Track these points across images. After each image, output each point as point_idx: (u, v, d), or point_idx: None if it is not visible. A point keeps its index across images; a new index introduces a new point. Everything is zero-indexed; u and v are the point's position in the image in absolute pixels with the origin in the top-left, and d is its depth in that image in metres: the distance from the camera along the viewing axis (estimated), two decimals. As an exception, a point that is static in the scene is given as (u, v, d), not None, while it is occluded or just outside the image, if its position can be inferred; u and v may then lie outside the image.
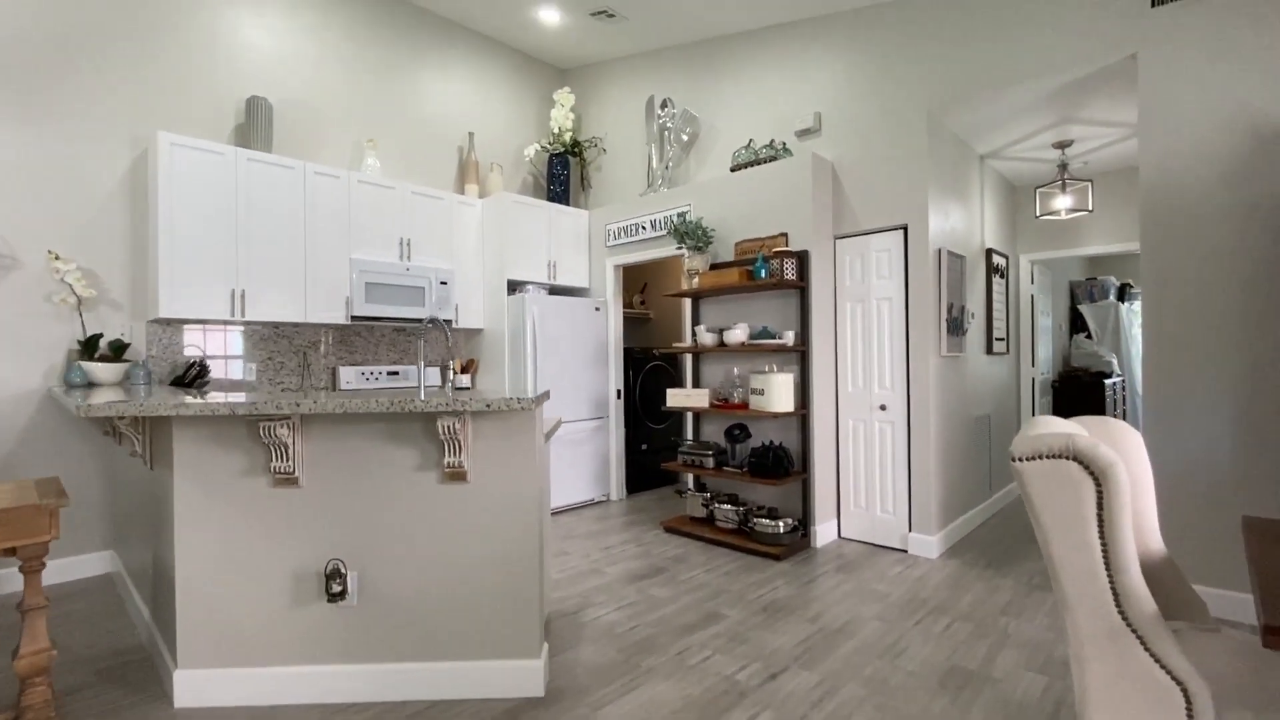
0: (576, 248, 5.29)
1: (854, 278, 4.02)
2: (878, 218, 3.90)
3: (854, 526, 4.03)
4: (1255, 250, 2.75)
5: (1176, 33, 2.91)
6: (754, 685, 2.27)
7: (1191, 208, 2.90)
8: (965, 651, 2.51)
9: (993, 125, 3.98)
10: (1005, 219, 5.10)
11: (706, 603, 3.03)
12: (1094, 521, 1.31)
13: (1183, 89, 2.90)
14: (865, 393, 3.97)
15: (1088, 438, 1.31)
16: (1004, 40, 3.41)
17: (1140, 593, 1.28)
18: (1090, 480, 1.30)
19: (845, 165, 4.04)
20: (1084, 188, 4.34)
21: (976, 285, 4.48)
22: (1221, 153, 2.82)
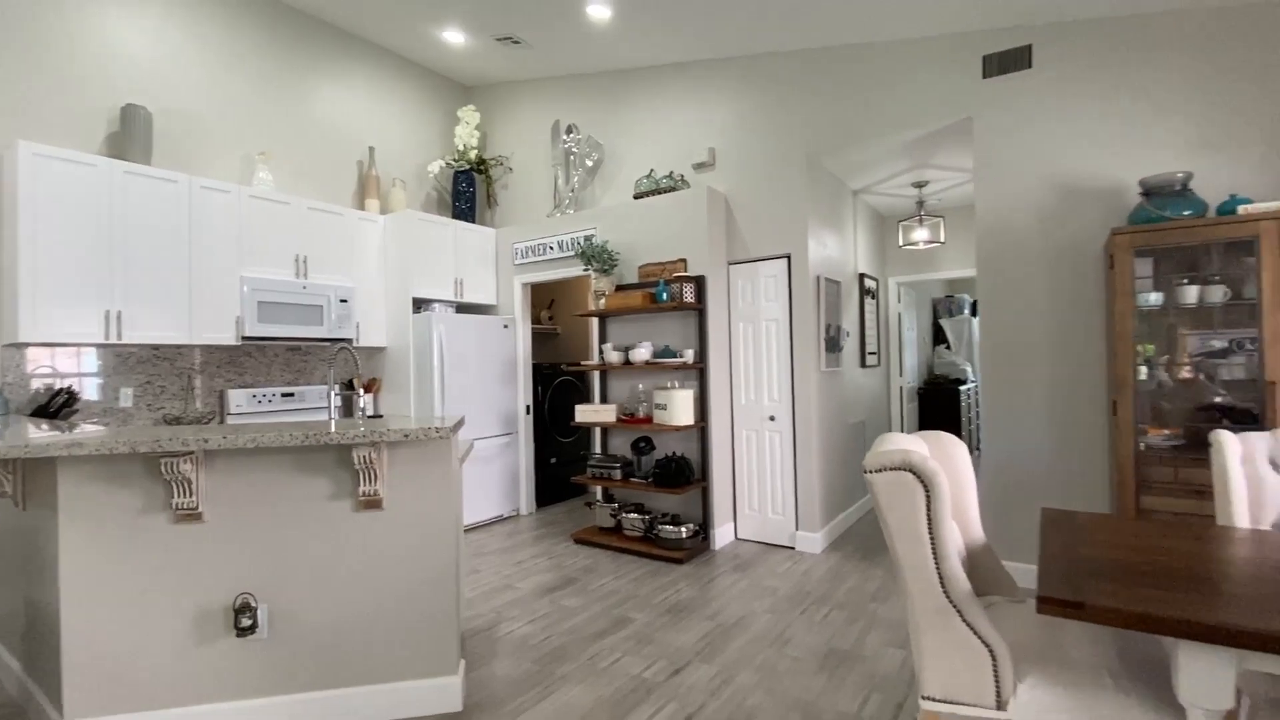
0: (484, 265, 5.34)
1: (745, 300, 4.39)
2: (766, 247, 4.29)
3: (749, 528, 4.39)
4: (1062, 285, 3.35)
5: (1002, 101, 3.48)
6: (659, 681, 2.49)
7: (1015, 245, 3.47)
8: (841, 635, 2.87)
9: (863, 167, 4.49)
10: (875, 246, 5.72)
11: (615, 609, 3.22)
12: (924, 522, 1.63)
13: (1007, 147, 3.48)
14: (757, 405, 4.35)
15: (919, 453, 1.64)
16: (867, 100, 3.89)
17: (958, 576, 1.61)
18: (921, 487, 1.63)
19: (737, 198, 4.41)
20: (937, 222, 4.99)
21: (851, 306, 5.01)
22: (1037, 202, 3.41)
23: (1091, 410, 3.26)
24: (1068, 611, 1.32)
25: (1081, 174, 3.27)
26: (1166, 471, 2.77)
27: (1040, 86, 3.38)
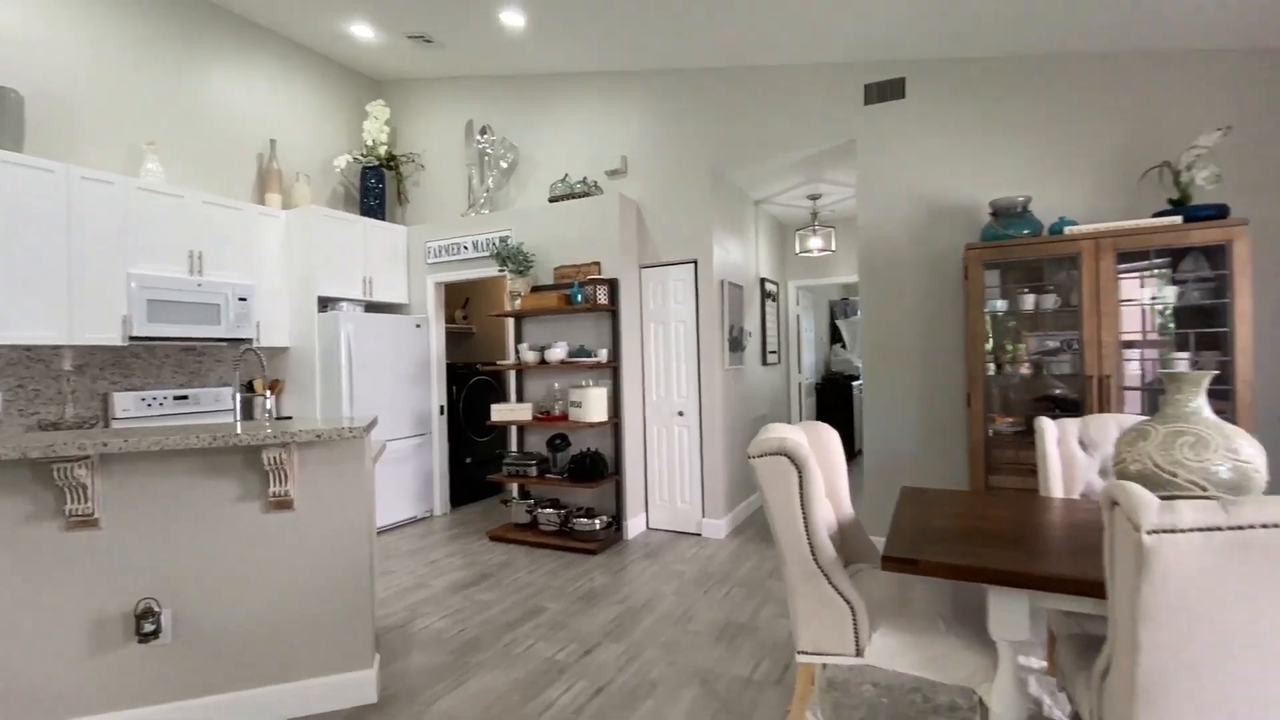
0: (394, 264, 5.27)
1: (656, 302, 4.61)
2: (674, 252, 4.53)
3: (660, 518, 4.62)
4: (929, 291, 3.78)
5: (880, 127, 3.88)
6: (571, 662, 2.64)
7: (891, 255, 3.88)
8: (738, 610, 3.14)
9: (763, 179, 4.83)
10: (776, 253, 6.12)
11: (530, 600, 3.34)
12: (797, 499, 1.88)
13: (884, 168, 3.88)
14: (667, 401, 4.58)
15: (794, 439, 1.88)
16: (764, 119, 4.21)
17: (826, 546, 1.87)
18: (795, 470, 1.87)
19: (648, 205, 4.63)
20: (830, 232, 5.43)
21: (753, 308, 5.36)
22: (909, 217, 3.83)
23: (952, 402, 3.71)
24: (905, 567, 1.59)
25: (945, 194, 3.71)
26: (1010, 453, 3.23)
27: (912, 115, 3.80)
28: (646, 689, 2.41)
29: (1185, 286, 3.02)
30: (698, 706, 2.29)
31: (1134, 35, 3.16)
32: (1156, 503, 1.13)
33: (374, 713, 2.28)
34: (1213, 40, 3.08)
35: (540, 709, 2.29)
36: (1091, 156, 3.38)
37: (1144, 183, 3.25)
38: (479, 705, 2.32)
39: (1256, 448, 1.56)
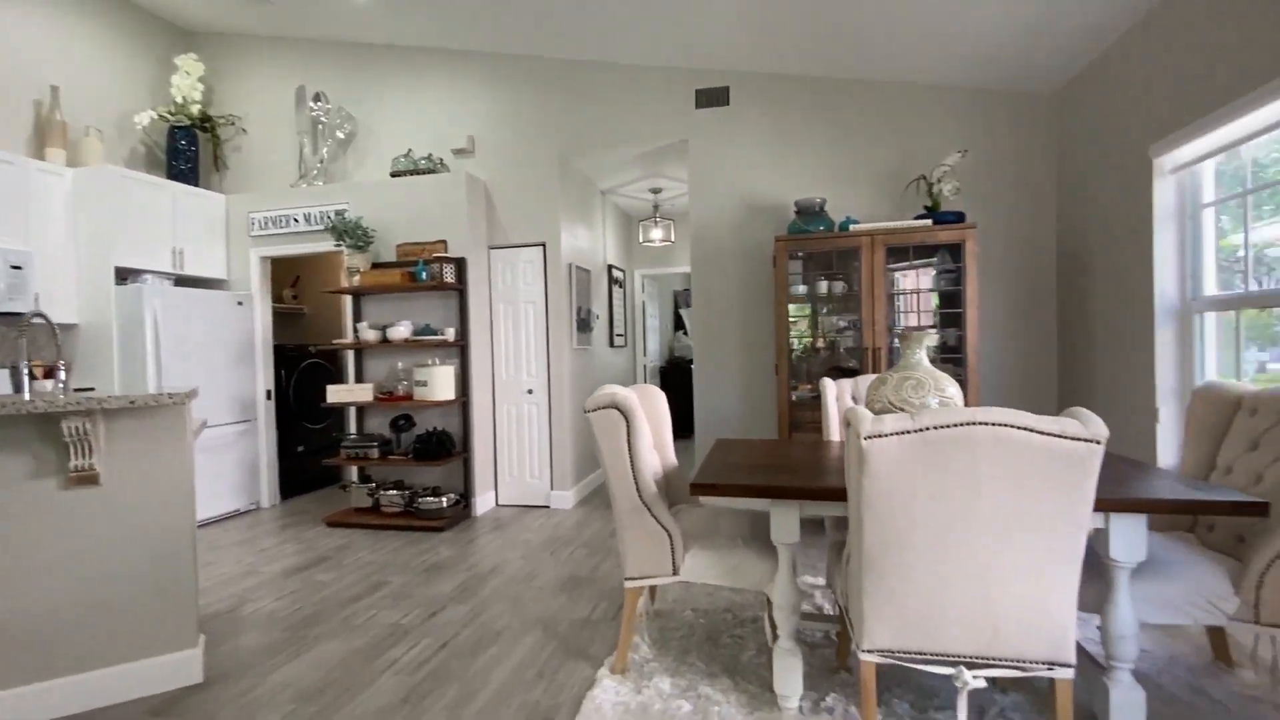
0: (211, 234, 4.81)
1: (506, 283, 4.71)
2: (523, 234, 4.66)
3: (509, 493, 4.74)
4: (748, 279, 4.29)
5: (709, 129, 4.32)
6: (416, 624, 2.71)
7: (717, 247, 4.34)
8: (581, 566, 3.39)
9: (608, 170, 5.11)
10: (623, 242, 6.46)
11: (373, 576, 3.32)
12: (625, 445, 2.15)
13: (713, 167, 4.32)
14: (516, 380, 4.71)
15: (623, 394, 2.15)
16: (607, 113, 4.47)
17: (650, 484, 2.16)
18: (624, 420, 2.14)
19: (496, 186, 4.70)
20: (670, 224, 5.87)
21: (600, 293, 5.64)
22: (732, 213, 4.30)
23: (766, 373, 4.26)
24: (708, 491, 1.92)
25: (760, 193, 4.24)
26: (808, 414, 3.80)
27: (735, 121, 4.27)
28: (490, 639, 2.56)
29: (936, 277, 3.77)
30: (538, 646, 2.49)
31: (897, 69, 3.86)
32: (870, 417, 1.53)
33: (200, 692, 2.20)
34: (950, 78, 3.86)
35: (384, 667, 2.35)
36: (870, 168, 4.06)
37: (906, 192, 3.98)
38: (319, 671, 2.33)
39: (956, 388, 2.09)
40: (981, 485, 1.48)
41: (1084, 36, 3.18)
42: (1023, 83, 3.76)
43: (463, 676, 2.26)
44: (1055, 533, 1.47)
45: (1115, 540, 1.67)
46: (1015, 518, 1.48)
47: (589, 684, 2.17)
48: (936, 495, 1.50)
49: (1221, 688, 2.02)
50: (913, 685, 2.08)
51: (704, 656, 2.33)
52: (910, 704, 1.97)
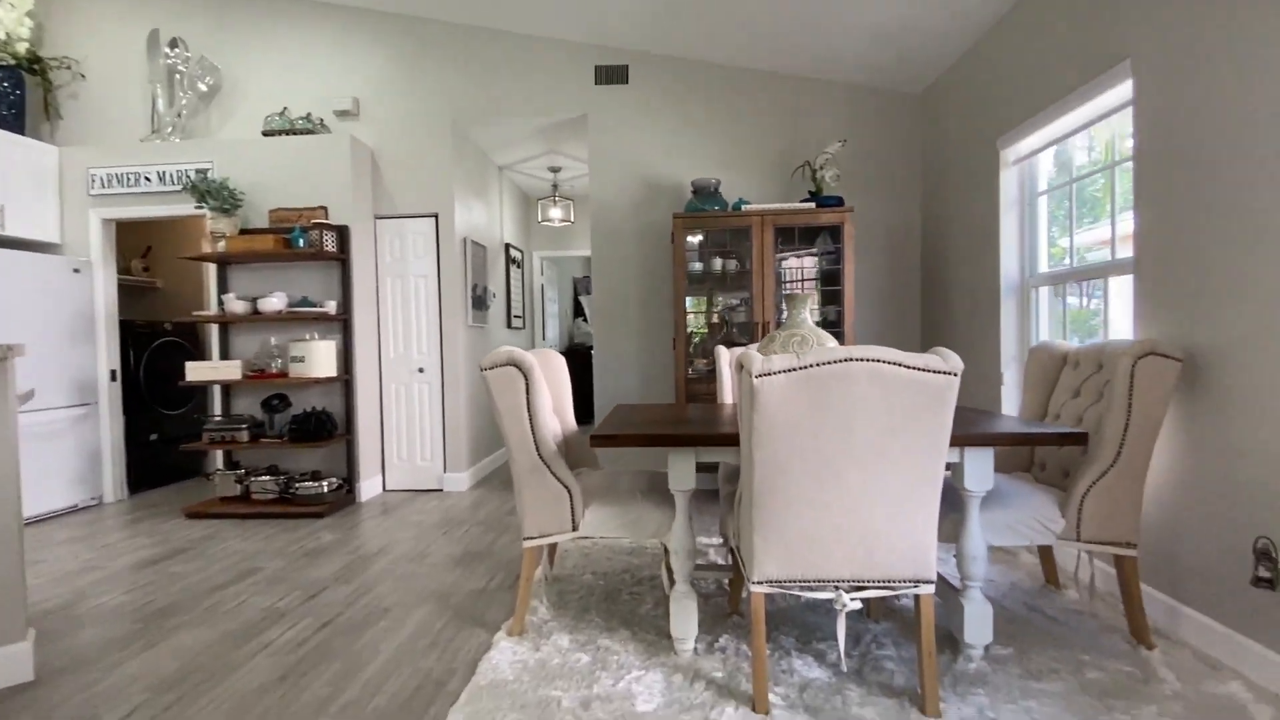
0: (41, 191, 4.18)
1: (394, 255, 4.47)
2: (413, 204, 4.44)
3: (398, 478, 4.52)
4: (647, 257, 4.36)
5: (608, 106, 4.33)
6: (294, 606, 2.52)
7: (617, 225, 4.37)
8: (476, 542, 3.30)
9: (506, 144, 4.99)
10: (521, 222, 6.34)
11: (242, 564, 3.04)
12: (524, 403, 2.12)
13: (612, 144, 4.34)
14: (406, 358, 4.49)
15: (521, 352, 2.11)
16: (506, 83, 4.36)
17: (549, 442, 2.14)
18: (522, 377, 2.10)
19: (384, 153, 4.44)
20: (569, 204, 5.83)
21: (497, 271, 5.50)
22: (631, 192, 4.35)
23: (664, 350, 4.35)
24: (608, 442, 1.93)
25: (659, 173, 4.32)
26: (704, 386, 3.93)
27: (635, 100, 4.32)
28: (378, 615, 2.43)
29: (819, 258, 4.03)
30: (431, 618, 2.39)
31: (788, 62, 4.07)
32: (761, 358, 1.61)
33: (31, 690, 1.92)
34: (834, 75, 4.13)
35: (257, 650, 2.17)
36: (761, 153, 4.26)
37: (793, 177, 4.22)
38: (177, 660, 2.10)
39: (836, 343, 2.25)
40: (857, 417, 1.60)
41: (944, 43, 3.51)
42: (895, 83, 4.09)
43: (348, 652, 2.13)
44: (920, 460, 1.62)
45: (969, 471, 1.87)
46: (886, 447, 1.61)
47: (485, 648, 2.12)
48: (819, 429, 1.61)
49: (1052, 605, 2.33)
50: (797, 623, 2.22)
51: (603, 614, 2.35)
52: (795, 639, 2.10)
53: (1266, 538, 1.75)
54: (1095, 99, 2.53)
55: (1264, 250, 1.78)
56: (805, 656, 1.99)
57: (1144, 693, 1.74)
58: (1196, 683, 1.78)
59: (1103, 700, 1.71)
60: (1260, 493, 1.79)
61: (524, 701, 1.77)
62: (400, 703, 1.81)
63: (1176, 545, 2.10)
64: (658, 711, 1.71)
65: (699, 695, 1.78)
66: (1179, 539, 2.09)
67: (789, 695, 1.77)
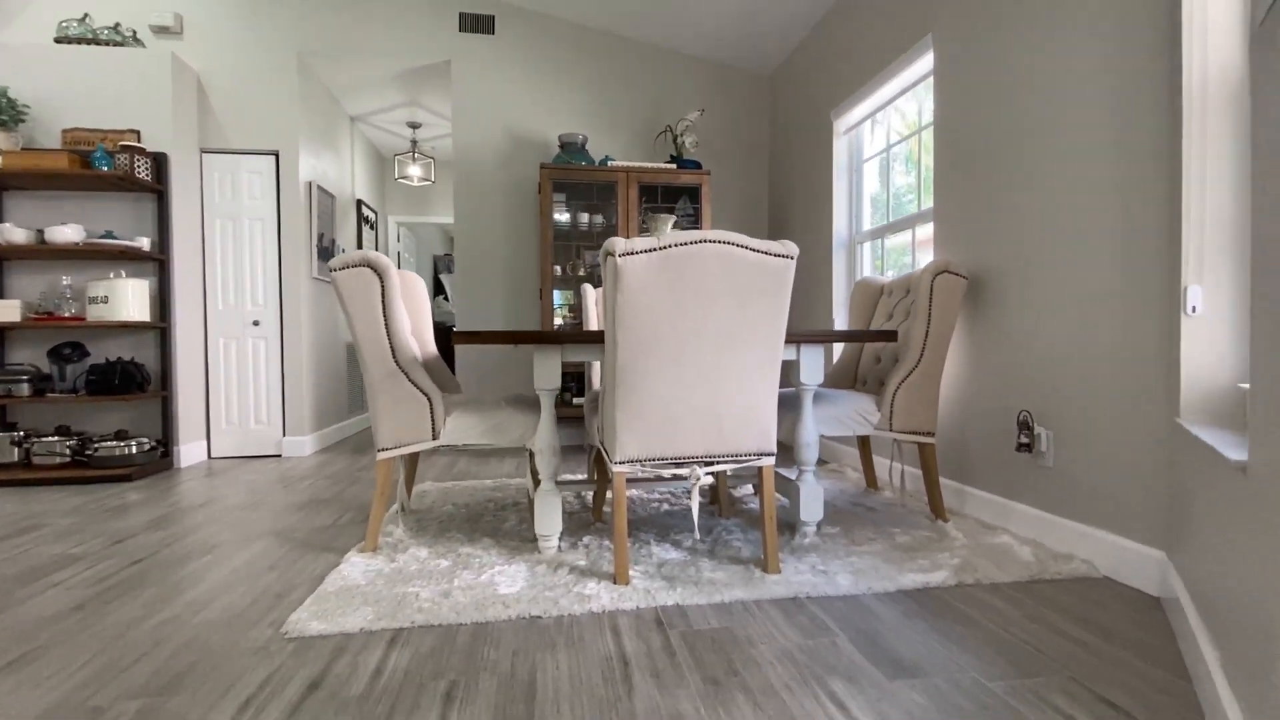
0: None
1: (225, 195, 4.02)
2: (250, 140, 4.03)
3: (226, 444, 4.05)
4: (514, 211, 4.32)
5: (474, 55, 4.24)
6: (94, 552, 2.19)
7: (482, 181, 4.28)
8: (323, 491, 3.06)
9: (358, 89, 4.68)
10: (375, 181, 5.97)
11: (21, 523, 2.58)
12: (379, 305, 2.03)
13: (476, 95, 4.25)
14: (238, 310, 4.05)
15: (377, 253, 2.02)
16: (360, 16, 4.11)
17: (407, 347, 2.07)
18: (377, 278, 2.01)
19: (214, 80, 3.98)
20: (429, 163, 5.60)
21: (348, 227, 5.14)
22: (497, 144, 4.29)
23: (533, 309, 4.33)
24: (471, 338, 1.91)
25: (527, 126, 4.30)
26: (569, 339, 3.97)
27: (501, 52, 4.27)
28: (203, 551, 2.19)
29: (681, 217, 4.24)
30: (269, 549, 2.20)
31: (653, 32, 4.26)
32: (624, 241, 1.69)
33: None
34: (695, 50, 4.39)
35: (44, 589, 1.86)
36: (627, 116, 4.40)
37: (657, 141, 4.42)
38: (-69, 604, 1.74)
39: (693, 264, 2.40)
40: (709, 296, 1.74)
41: (789, 25, 3.88)
42: (748, 63, 4.43)
43: (164, 583, 1.89)
44: (764, 337, 1.79)
45: (804, 365, 2.10)
46: (735, 328, 1.76)
47: (334, 566, 1.99)
48: (676, 308, 1.72)
49: (872, 500, 2.66)
50: (656, 525, 2.33)
51: (464, 531, 2.30)
52: (654, 535, 2.21)
53: (1027, 410, 2.16)
54: (905, 71, 2.94)
55: (1031, 194, 2.19)
56: (664, 545, 2.10)
57: (939, 546, 2.06)
58: (977, 537, 2.14)
59: (908, 554, 2.00)
60: (1022, 377, 2.19)
61: (378, 598, 1.69)
62: (232, 615, 1.65)
63: (964, 435, 2.50)
64: (520, 593, 1.72)
65: (562, 579, 1.81)
66: (966, 428, 2.49)
67: (648, 571, 1.87)
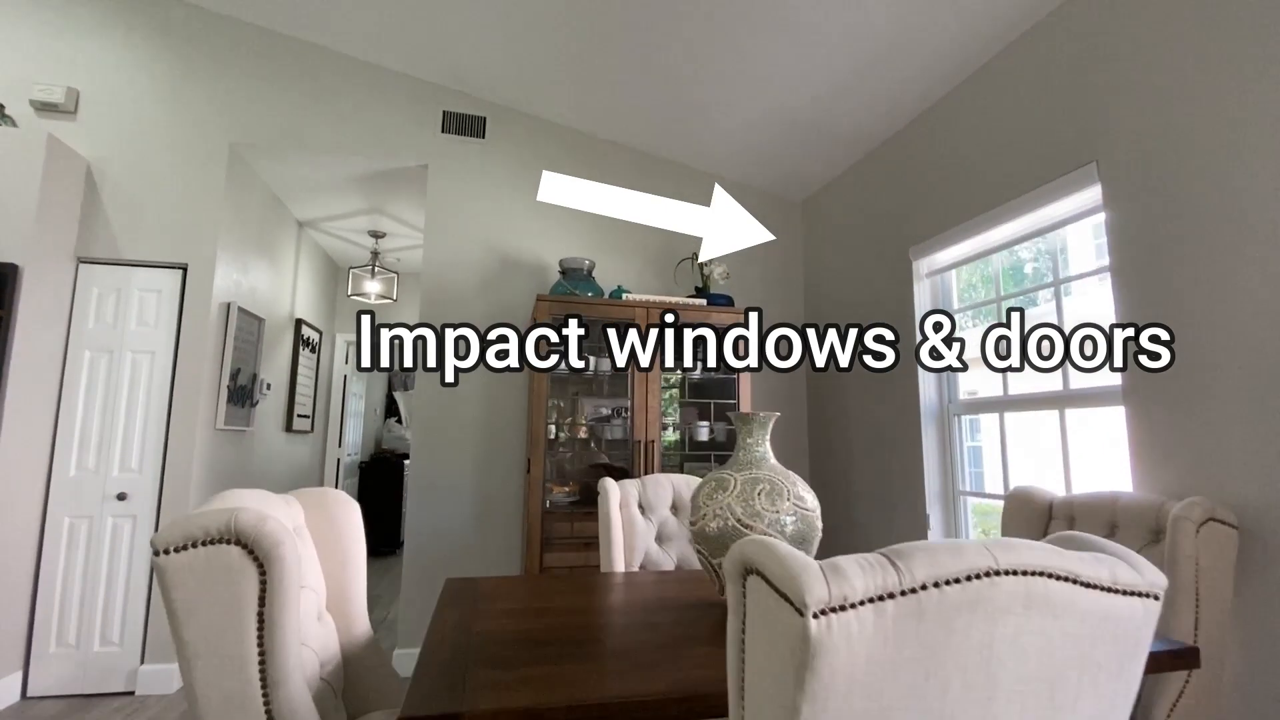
0: None
1: (103, 319, 2.98)
2: (149, 249, 3.05)
3: (52, 676, 2.75)
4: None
5: (456, 159, 3.46)
6: None
7: (458, 303, 3.37)
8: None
9: (311, 190, 3.83)
10: (324, 294, 5.02)
11: None
12: (253, 624, 1.00)
13: (458, 204, 3.43)
14: (98, 477, 2.89)
15: (256, 512, 1.01)
16: (312, 108, 3.32)
17: (301, 710, 1.01)
18: (254, 569, 1.00)
19: (109, 171, 3.06)
20: (392, 278, 4.71)
21: (279, 354, 4.10)
22: (480, 263, 3.42)
23: (509, 474, 3.30)
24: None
25: (519, 246, 3.47)
26: (565, 526, 2.92)
27: (492, 158, 3.50)
28: None
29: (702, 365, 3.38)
30: None
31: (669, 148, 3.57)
32: (818, 568, 0.73)
33: None
34: (718, 170, 3.72)
35: None
36: (639, 240, 3.63)
37: (677, 270, 3.63)
38: None
39: (813, 495, 1.46)
40: (994, 695, 0.77)
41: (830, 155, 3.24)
42: (781, 187, 3.78)
43: None
44: (1100, 769, 0.82)
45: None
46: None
47: None
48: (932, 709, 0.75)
49: None
50: None
51: None
52: None
53: None
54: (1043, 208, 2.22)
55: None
56: None
57: None
58: None
59: None
60: None
61: None
62: None
63: (1254, 788, 1.51)
64: None
65: None
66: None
67: None
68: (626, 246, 3.60)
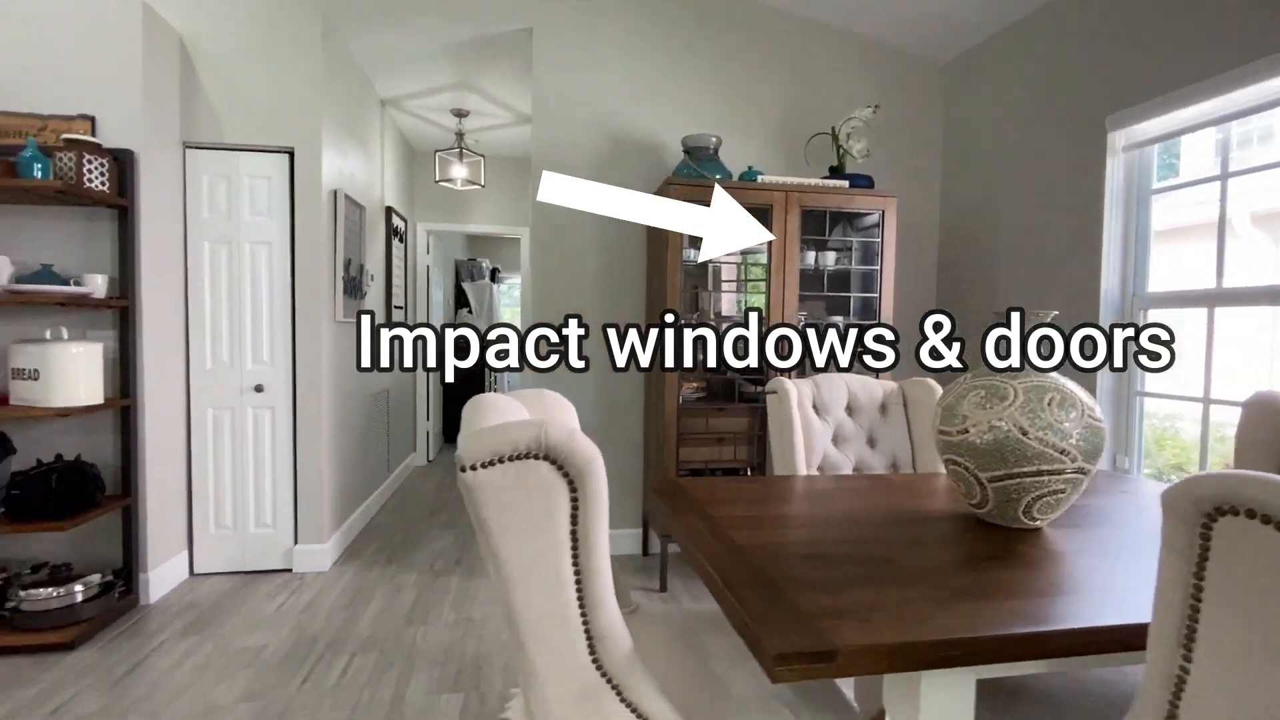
0: None
1: (216, 208, 2.86)
2: (252, 132, 2.86)
3: (216, 556, 2.92)
4: (608, 241, 3.18)
5: (565, 21, 3.07)
6: None
7: (568, 192, 3.13)
8: (371, 696, 1.95)
9: (397, 64, 3.52)
10: (405, 181, 4.80)
11: None
12: (568, 544, 0.91)
13: (566, 75, 3.10)
14: (234, 370, 2.90)
15: (559, 425, 0.90)
16: (412, -42, 2.94)
17: (617, 632, 0.95)
18: (565, 485, 0.90)
19: (202, 46, 2.81)
20: (478, 161, 4.43)
21: (376, 244, 3.99)
22: (590, 144, 3.14)
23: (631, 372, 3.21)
24: (814, 670, 0.80)
25: (632, 124, 3.16)
26: (699, 422, 2.86)
27: (601, 22, 3.10)
28: None
29: (840, 252, 3.13)
30: None
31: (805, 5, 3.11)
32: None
33: None
34: (855, 26, 3.24)
35: None
36: (764, 115, 3.27)
37: (809, 148, 3.28)
38: None
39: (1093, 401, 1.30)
40: None
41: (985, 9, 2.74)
42: (921, 47, 3.29)
43: None
44: None
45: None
46: None
47: None
48: None
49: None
50: None
51: None
52: None
53: None
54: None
55: None
56: None
57: None
58: None
59: None
60: None
61: None
62: None
63: None
64: None
65: None
66: None
67: None
68: (749, 123, 3.25)
